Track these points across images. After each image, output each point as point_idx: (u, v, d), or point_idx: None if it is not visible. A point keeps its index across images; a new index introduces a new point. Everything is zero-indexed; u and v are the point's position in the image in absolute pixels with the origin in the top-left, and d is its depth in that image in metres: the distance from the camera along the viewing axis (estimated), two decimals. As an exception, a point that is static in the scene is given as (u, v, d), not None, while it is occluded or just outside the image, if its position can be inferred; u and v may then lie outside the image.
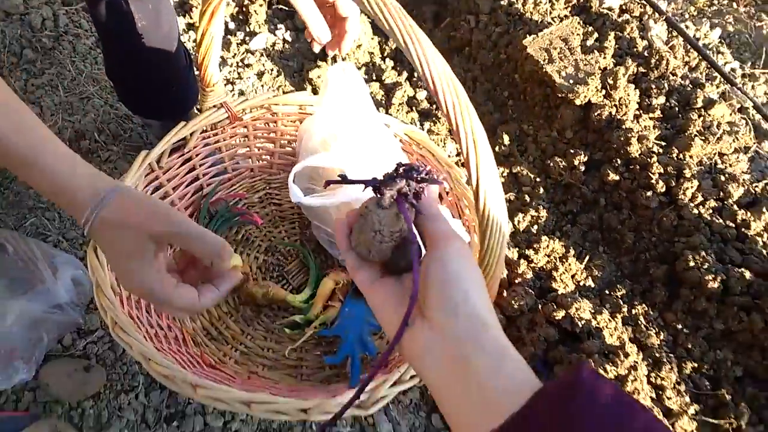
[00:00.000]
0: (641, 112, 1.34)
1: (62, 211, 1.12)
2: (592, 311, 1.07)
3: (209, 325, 0.92)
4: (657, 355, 1.07)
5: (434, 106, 1.37)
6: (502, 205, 0.58)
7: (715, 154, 1.30)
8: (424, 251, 0.49)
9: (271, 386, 0.78)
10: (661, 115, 1.35)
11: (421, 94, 1.40)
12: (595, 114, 1.29)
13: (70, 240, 1.09)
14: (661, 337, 1.10)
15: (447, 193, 0.89)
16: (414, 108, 1.37)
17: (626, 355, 1.00)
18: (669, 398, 1.01)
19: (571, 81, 1.31)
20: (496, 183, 0.58)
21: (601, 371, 0.96)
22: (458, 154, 1.34)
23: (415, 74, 1.40)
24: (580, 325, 1.04)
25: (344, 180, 0.51)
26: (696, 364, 1.07)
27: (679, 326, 1.12)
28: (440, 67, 0.47)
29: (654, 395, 1.02)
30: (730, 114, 1.38)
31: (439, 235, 0.45)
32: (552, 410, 0.32)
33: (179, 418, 0.91)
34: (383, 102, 1.36)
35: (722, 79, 1.47)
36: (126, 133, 1.26)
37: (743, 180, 1.25)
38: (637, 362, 1.01)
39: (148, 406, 0.91)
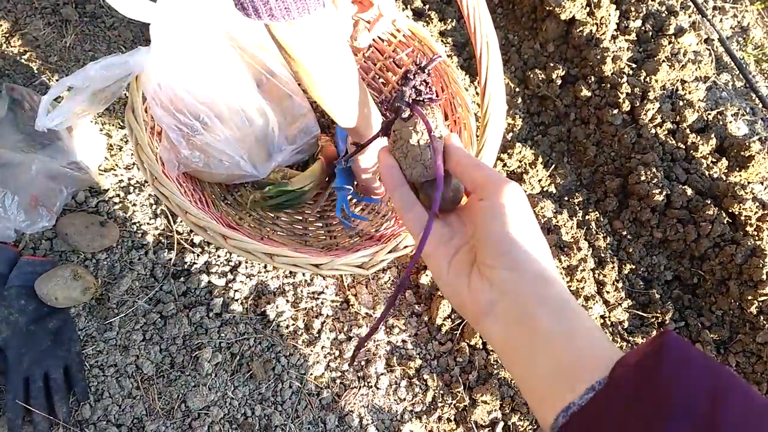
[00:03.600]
0: (618, 33, 1.41)
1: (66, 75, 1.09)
2: (554, 211, 1.19)
3: (226, 192, 0.98)
4: (602, 255, 1.21)
5: (427, 6, 1.38)
6: (502, 104, 0.65)
7: (678, 80, 1.40)
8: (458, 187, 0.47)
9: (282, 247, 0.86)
10: (636, 38, 1.42)
11: (415, -7, 1.40)
12: (577, 30, 1.35)
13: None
14: (608, 241, 1.24)
15: (442, 90, 0.94)
16: (408, 5, 1.38)
17: (579, 249, 1.14)
18: (608, 292, 1.17)
19: (559, -5, 1.35)
20: (501, 85, 0.66)
21: (556, 261, 1.10)
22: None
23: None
24: (542, 221, 1.17)
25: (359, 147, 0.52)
26: (634, 266, 1.22)
27: (624, 233, 1.26)
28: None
29: (596, 289, 1.17)
30: (697, 44, 1.47)
31: (489, 181, 0.40)
32: (637, 381, 0.28)
33: (185, 275, 0.98)
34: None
35: (694, 9, 1.54)
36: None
37: (698, 107, 1.36)
38: (587, 255, 1.15)
39: (156, 263, 0.97)
